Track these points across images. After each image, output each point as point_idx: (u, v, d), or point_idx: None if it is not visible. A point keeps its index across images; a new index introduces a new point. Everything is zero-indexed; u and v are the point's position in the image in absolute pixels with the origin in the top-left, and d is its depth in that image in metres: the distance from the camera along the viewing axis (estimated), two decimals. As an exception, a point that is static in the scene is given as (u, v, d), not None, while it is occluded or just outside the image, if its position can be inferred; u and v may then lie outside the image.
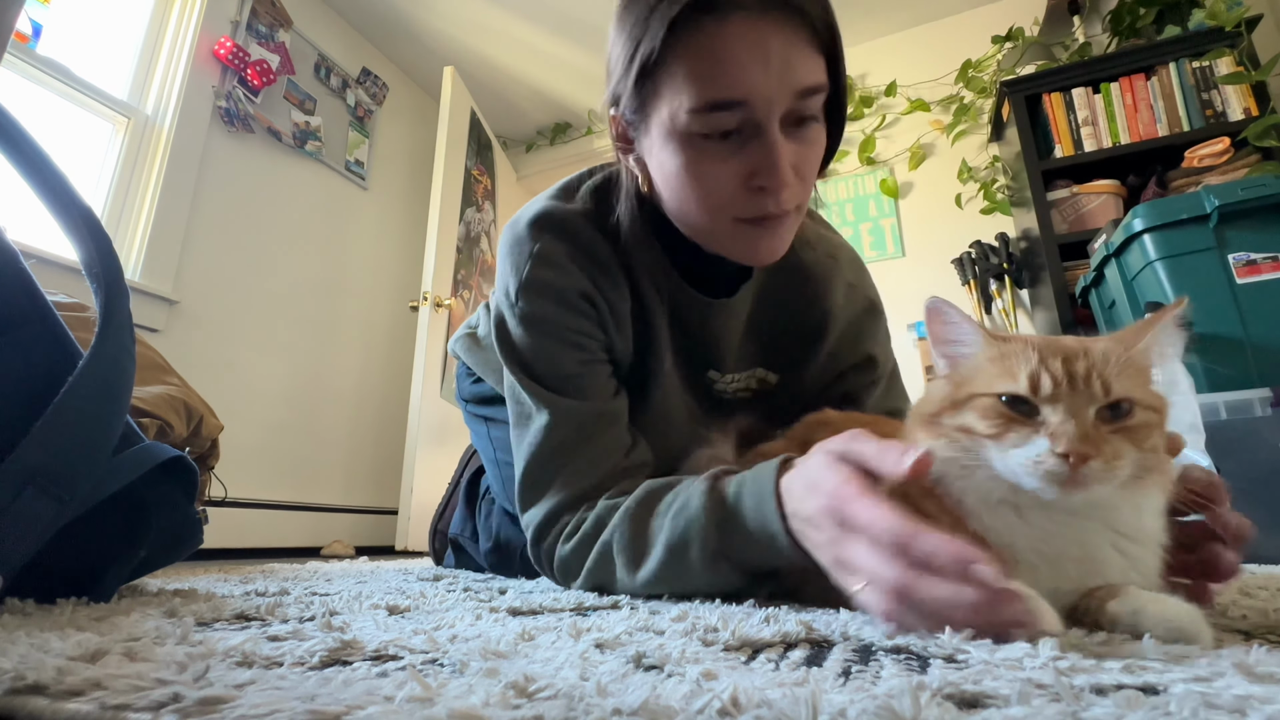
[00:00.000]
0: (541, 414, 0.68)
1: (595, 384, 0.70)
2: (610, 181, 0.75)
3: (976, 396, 0.43)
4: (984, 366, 0.45)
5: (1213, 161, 1.95)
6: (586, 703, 0.23)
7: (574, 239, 0.70)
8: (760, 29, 0.56)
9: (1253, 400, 1.26)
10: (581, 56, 3.04)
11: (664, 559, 0.56)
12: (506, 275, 0.72)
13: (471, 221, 2.96)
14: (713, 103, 0.57)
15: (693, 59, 0.57)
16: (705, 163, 0.61)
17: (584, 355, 0.70)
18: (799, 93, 0.58)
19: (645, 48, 0.59)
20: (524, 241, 0.71)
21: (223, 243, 2.28)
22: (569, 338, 0.70)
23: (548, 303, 0.69)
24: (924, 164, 2.73)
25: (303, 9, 2.64)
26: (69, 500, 0.45)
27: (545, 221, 0.71)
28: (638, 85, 0.62)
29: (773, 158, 0.58)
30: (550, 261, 0.69)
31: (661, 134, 0.62)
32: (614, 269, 0.72)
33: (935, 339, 0.49)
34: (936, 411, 0.46)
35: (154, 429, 1.16)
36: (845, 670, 0.30)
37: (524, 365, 0.71)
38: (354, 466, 2.69)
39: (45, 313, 0.52)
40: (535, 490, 0.67)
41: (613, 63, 0.66)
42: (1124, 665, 0.28)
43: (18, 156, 0.51)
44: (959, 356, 0.48)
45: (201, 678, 0.26)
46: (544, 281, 0.69)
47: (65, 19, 1.98)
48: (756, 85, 0.57)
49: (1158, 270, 1.51)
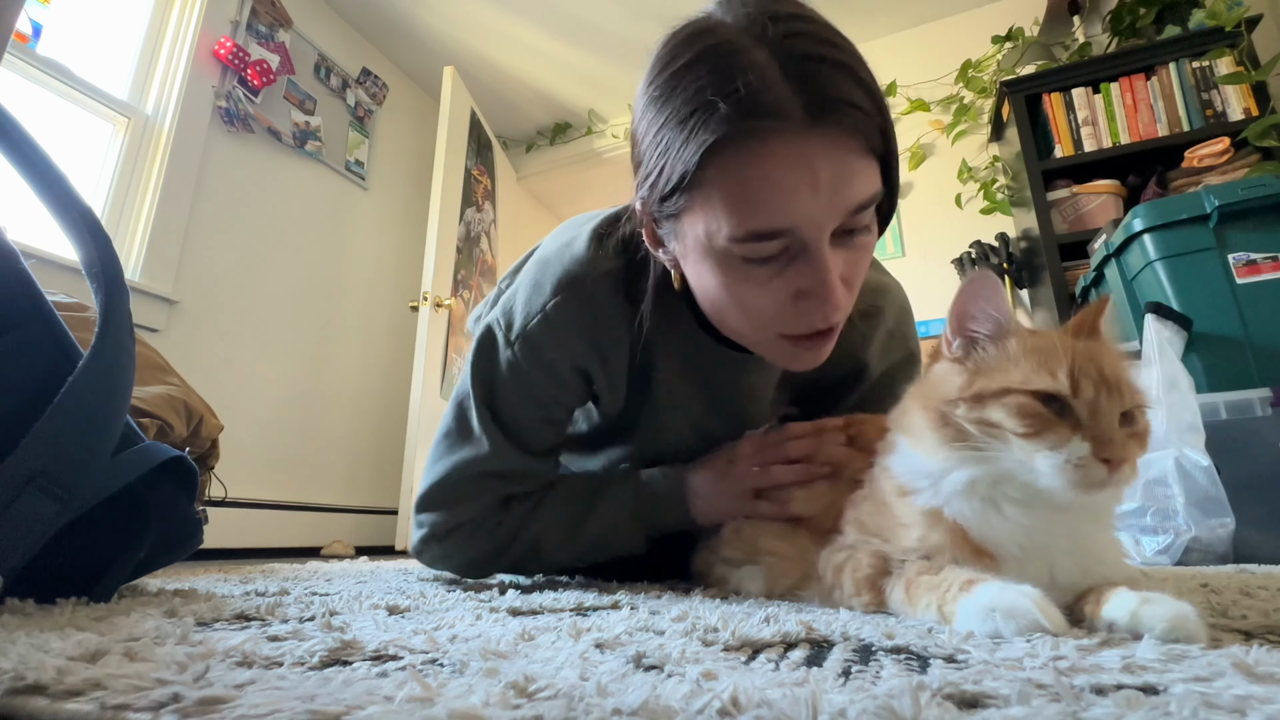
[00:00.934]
0: (482, 443, 0.72)
1: (537, 439, 0.74)
2: (638, 240, 0.69)
3: (1011, 392, 0.41)
4: (1016, 359, 0.43)
5: (1213, 161, 1.95)
6: (586, 703, 0.23)
7: (590, 306, 0.68)
8: (808, 147, 0.49)
9: (1253, 400, 1.26)
10: (581, 56, 3.04)
11: (597, 523, 0.73)
12: (515, 307, 0.70)
13: (471, 221, 2.96)
14: (756, 233, 0.51)
15: (733, 184, 0.51)
16: (748, 284, 0.55)
17: (544, 415, 0.73)
18: (852, 209, 0.52)
19: (677, 166, 0.52)
20: (543, 292, 0.69)
21: (223, 243, 2.28)
22: (541, 398, 0.72)
23: (537, 366, 0.69)
24: (924, 164, 2.73)
25: (303, 9, 2.64)
26: (69, 500, 0.45)
27: (569, 282, 0.68)
28: (666, 199, 0.55)
29: (822, 277, 0.53)
30: (557, 328, 0.68)
31: (697, 250, 0.56)
32: (624, 335, 0.70)
33: (963, 314, 0.46)
34: (951, 400, 0.44)
35: (154, 429, 1.16)
36: (845, 670, 0.30)
37: (487, 393, 0.72)
38: (354, 466, 2.69)
39: (45, 313, 0.52)
40: (444, 498, 0.74)
41: (640, 151, 0.58)
42: (1124, 665, 0.28)
43: (18, 156, 0.51)
44: (982, 340, 0.45)
45: (201, 678, 0.26)
46: (541, 346, 0.69)
47: (65, 19, 1.98)
48: (803, 211, 0.50)
49: (1158, 270, 1.51)
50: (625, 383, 0.74)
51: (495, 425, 0.71)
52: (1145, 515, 1.16)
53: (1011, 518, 0.42)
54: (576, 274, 0.68)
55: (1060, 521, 0.42)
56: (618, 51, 3.00)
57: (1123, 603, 0.37)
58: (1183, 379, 1.24)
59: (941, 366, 0.47)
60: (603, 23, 2.83)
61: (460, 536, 0.74)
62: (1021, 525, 0.42)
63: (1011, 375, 0.42)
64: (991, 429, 0.41)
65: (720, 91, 0.49)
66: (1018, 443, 0.40)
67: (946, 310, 0.47)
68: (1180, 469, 1.14)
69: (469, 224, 2.93)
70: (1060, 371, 0.41)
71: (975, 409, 0.42)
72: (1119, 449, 0.39)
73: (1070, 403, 0.40)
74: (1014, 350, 0.43)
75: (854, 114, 0.50)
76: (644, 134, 0.56)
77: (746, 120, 0.48)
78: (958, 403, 0.43)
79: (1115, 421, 0.40)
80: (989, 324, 0.45)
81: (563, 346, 0.69)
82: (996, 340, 0.45)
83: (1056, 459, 0.39)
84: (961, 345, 0.46)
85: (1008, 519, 0.42)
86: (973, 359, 0.45)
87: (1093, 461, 0.38)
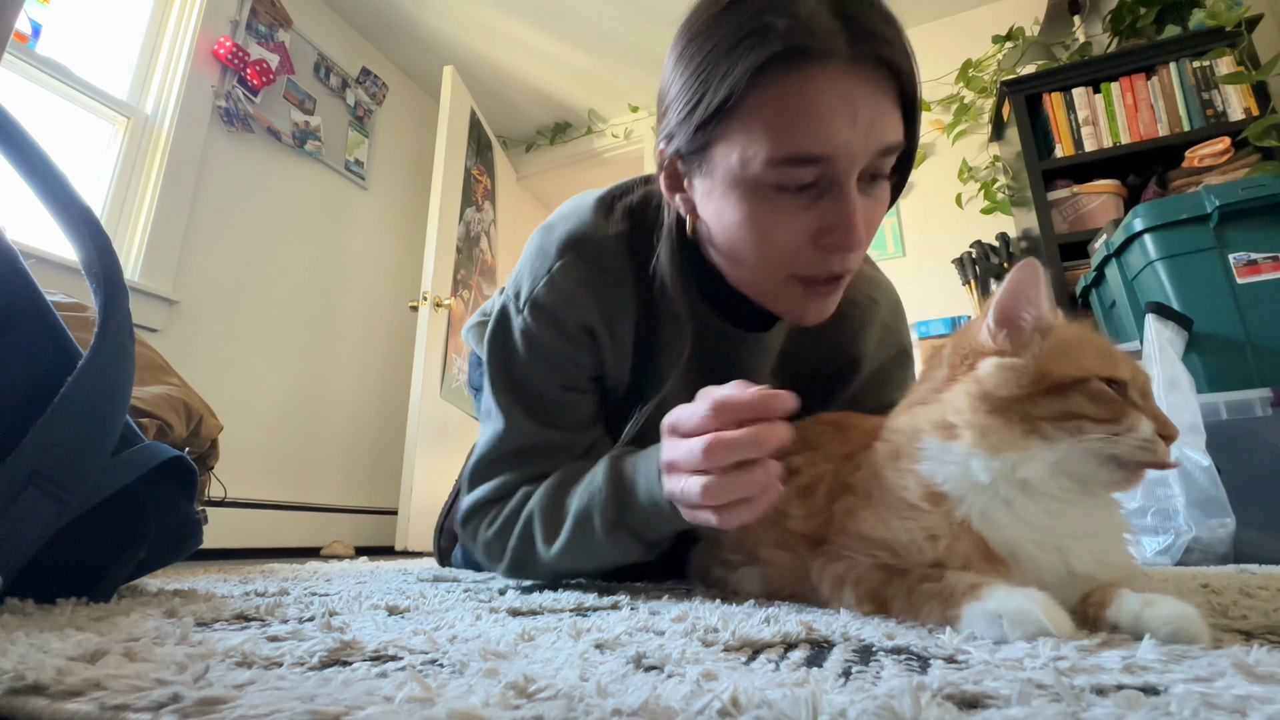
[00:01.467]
0: (499, 420, 0.72)
1: (566, 413, 0.72)
2: (647, 202, 0.72)
3: (1087, 379, 0.42)
4: (1072, 349, 0.44)
5: (1213, 161, 1.95)
6: (586, 703, 0.23)
7: (596, 265, 0.69)
8: (850, 82, 0.52)
9: (1253, 400, 1.26)
10: (581, 56, 3.04)
11: (571, 530, 0.63)
12: (523, 277, 0.71)
13: (471, 221, 2.96)
14: (794, 156, 0.53)
15: (776, 108, 0.53)
16: (774, 215, 0.57)
17: (565, 381, 0.72)
18: (881, 150, 0.55)
19: (720, 89, 0.54)
20: (548, 256, 0.69)
21: (222, 243, 2.28)
22: (557, 363, 0.71)
23: (548, 326, 0.69)
24: (924, 164, 2.73)
25: (302, 9, 2.64)
26: (69, 500, 0.45)
27: (574, 242, 0.69)
28: (703, 126, 0.57)
29: (849, 215, 0.55)
30: (563, 287, 0.68)
31: (726, 180, 0.57)
32: (630, 298, 0.70)
33: (1014, 304, 0.45)
34: (1019, 395, 0.43)
35: (154, 429, 1.16)
36: (845, 670, 0.30)
37: (505, 370, 0.72)
38: (354, 467, 2.69)
39: (45, 313, 0.52)
40: (475, 481, 0.73)
41: (670, 96, 0.60)
42: (1124, 665, 0.28)
43: (18, 156, 0.50)
44: (1025, 328, 0.45)
45: (201, 678, 0.26)
46: (550, 306, 0.68)
47: (65, 19, 1.98)
48: (842, 140, 0.53)
49: (1158, 270, 1.51)
50: (631, 353, 0.73)
51: (513, 398, 0.71)
52: (1146, 515, 1.16)
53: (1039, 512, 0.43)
54: (582, 234, 0.69)
55: (1079, 509, 0.43)
56: (618, 51, 3.00)
57: (1126, 605, 0.37)
58: (1183, 379, 1.24)
59: (994, 362, 0.45)
60: (603, 23, 2.83)
61: (478, 519, 0.72)
62: (1045, 521, 0.42)
63: (1083, 363, 0.43)
64: (1070, 420, 0.42)
65: (772, 18, 0.52)
66: (1095, 430, 0.41)
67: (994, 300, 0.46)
68: (1181, 469, 1.15)
69: (469, 224, 2.93)
70: (1118, 359, 0.43)
71: (1055, 400, 0.42)
72: (1171, 426, 0.42)
73: (1128, 388, 0.43)
74: (1067, 340, 0.44)
75: (893, 60, 0.54)
76: (680, 70, 0.58)
77: (796, 46, 0.51)
78: (1034, 398, 0.43)
79: (1154, 402, 0.44)
80: (1036, 313, 0.45)
81: (572, 305, 0.68)
82: (1041, 331, 0.45)
83: (1134, 440, 0.41)
84: (1007, 337, 0.46)
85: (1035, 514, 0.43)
86: (1029, 351, 0.44)
87: (1159, 439, 0.42)
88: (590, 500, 0.62)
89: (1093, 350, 0.44)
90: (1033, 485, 0.42)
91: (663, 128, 0.62)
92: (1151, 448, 0.41)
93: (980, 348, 0.47)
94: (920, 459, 0.47)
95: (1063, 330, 0.45)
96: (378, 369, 2.87)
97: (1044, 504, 0.43)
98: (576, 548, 0.63)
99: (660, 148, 0.64)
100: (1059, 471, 0.42)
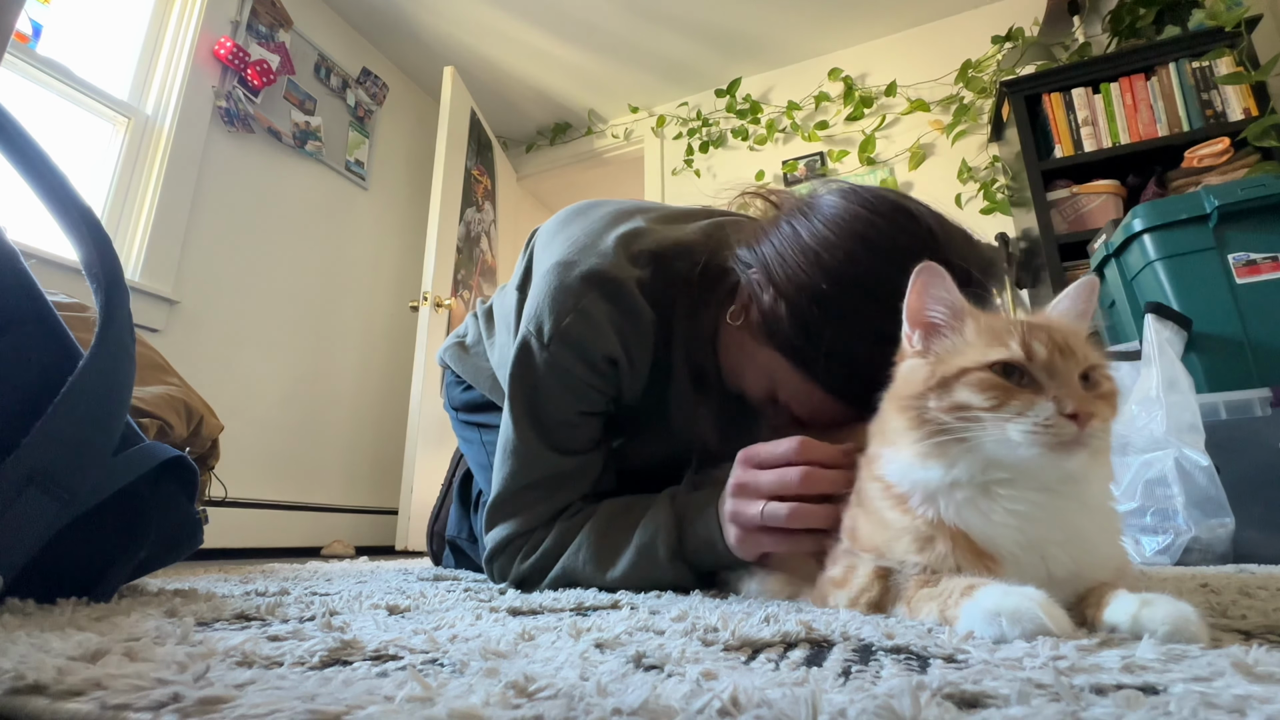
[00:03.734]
0: (520, 455, 0.73)
1: (582, 435, 0.75)
2: (670, 255, 0.75)
3: (969, 371, 0.42)
4: (970, 341, 0.44)
5: (1212, 161, 1.95)
6: (586, 702, 0.23)
7: (620, 304, 0.71)
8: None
9: (1253, 400, 1.26)
10: (581, 56, 3.04)
11: (634, 559, 0.68)
12: (544, 313, 0.71)
13: (471, 221, 2.96)
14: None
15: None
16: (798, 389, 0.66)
17: (585, 407, 0.74)
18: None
19: (838, 352, 0.60)
20: (572, 291, 0.70)
21: (223, 243, 2.28)
22: (580, 391, 0.73)
23: (575, 358, 0.71)
24: (924, 164, 2.73)
25: (303, 9, 2.64)
26: (70, 500, 0.45)
27: (598, 281, 0.70)
28: (795, 351, 0.63)
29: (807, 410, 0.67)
30: (590, 321, 0.70)
31: (765, 369, 0.67)
32: (648, 332, 0.73)
33: (918, 307, 0.47)
34: (919, 393, 0.44)
35: (154, 429, 1.16)
36: (845, 670, 0.30)
37: (529, 404, 0.73)
38: (354, 466, 2.69)
39: (45, 313, 0.52)
40: (500, 514, 0.75)
41: (790, 278, 0.63)
42: (1124, 665, 0.28)
43: (18, 156, 0.50)
44: (938, 329, 0.46)
45: (201, 678, 0.26)
46: (578, 338, 0.70)
47: (65, 19, 1.98)
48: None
49: (1158, 270, 1.51)
50: (646, 377, 0.76)
51: (536, 432, 0.73)
52: (1145, 515, 1.16)
53: (1007, 511, 0.42)
54: (607, 273, 0.71)
55: (1053, 511, 0.42)
56: (618, 51, 3.00)
57: (1123, 606, 0.37)
58: (1182, 379, 1.24)
59: (906, 364, 0.48)
60: (603, 23, 2.83)
61: (510, 554, 0.74)
62: (1016, 520, 0.42)
63: (968, 355, 0.43)
64: (963, 412, 0.42)
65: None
66: (988, 417, 0.41)
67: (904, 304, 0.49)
68: (1180, 469, 1.14)
69: (469, 224, 2.93)
70: (1012, 341, 0.42)
71: (943, 395, 0.43)
72: (1084, 403, 0.40)
73: (1027, 368, 0.41)
74: (970, 333, 0.45)
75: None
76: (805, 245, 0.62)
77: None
78: (926, 394, 0.44)
79: (1074, 379, 0.41)
80: (943, 312, 0.46)
81: (598, 338, 0.70)
82: (953, 327, 0.46)
83: (1025, 424, 0.40)
84: (921, 338, 0.47)
85: (1004, 513, 0.42)
86: (933, 350, 0.46)
87: (1060, 420, 0.39)
88: (655, 534, 0.68)
89: (989, 338, 0.43)
90: (975, 481, 0.43)
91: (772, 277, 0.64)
92: (1048, 430, 0.39)
93: (901, 352, 0.49)
94: (881, 464, 0.49)
95: (977, 320, 0.45)
96: (378, 369, 2.87)
97: (1006, 502, 0.42)
98: (637, 574, 0.68)
99: (761, 296, 0.65)
100: (989, 465, 0.42)
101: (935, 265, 0.46)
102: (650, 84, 3.21)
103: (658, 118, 3.27)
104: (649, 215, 0.80)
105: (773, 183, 2.95)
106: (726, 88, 3.12)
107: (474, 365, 1.03)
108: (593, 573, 0.69)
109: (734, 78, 3.12)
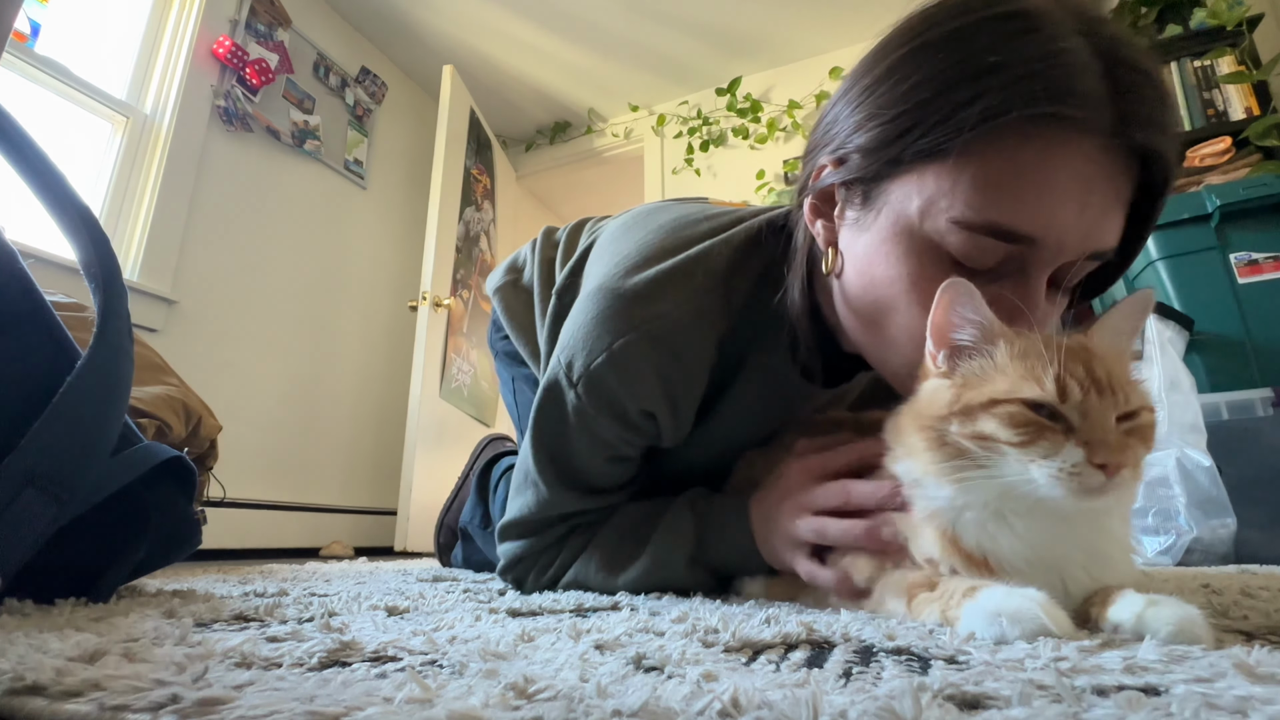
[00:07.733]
0: (540, 490, 0.68)
1: (609, 479, 0.69)
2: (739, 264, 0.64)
3: (999, 403, 0.40)
4: (1003, 367, 0.42)
5: (1214, 161, 1.95)
6: (586, 704, 0.23)
7: (671, 350, 0.60)
8: (1096, 167, 0.44)
9: (1254, 400, 1.26)
10: (581, 55, 3.03)
11: (648, 566, 0.65)
12: (576, 345, 0.62)
13: (471, 221, 2.96)
14: (996, 227, 0.45)
15: (1000, 166, 0.44)
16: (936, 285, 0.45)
17: (612, 454, 0.66)
18: (1092, 253, 0.47)
19: (941, 121, 0.45)
20: (610, 328, 0.60)
21: (221, 242, 2.28)
22: (608, 440, 0.65)
23: (604, 408, 0.62)
24: (924, 163, 2.73)
25: (302, 8, 2.64)
26: (68, 500, 0.45)
27: (646, 318, 0.60)
28: (897, 158, 0.48)
29: (1031, 302, 0.47)
30: (628, 369, 0.60)
31: (896, 224, 0.49)
32: (701, 372, 0.63)
33: (944, 326, 0.44)
34: (942, 416, 0.43)
35: (152, 429, 1.16)
36: (846, 671, 0.29)
37: (551, 444, 0.66)
38: (353, 467, 2.69)
39: (44, 313, 0.51)
40: (513, 533, 0.72)
41: (859, 106, 0.51)
42: (1125, 666, 0.28)
43: (16, 156, 0.50)
44: (966, 350, 0.44)
45: (200, 679, 0.25)
46: (610, 386, 0.61)
47: (64, 18, 1.98)
48: (1058, 226, 0.44)
49: (1159, 270, 1.51)
50: (692, 419, 0.67)
51: (556, 475, 0.67)
52: (1146, 516, 1.16)
53: (1020, 534, 0.41)
54: (658, 310, 0.61)
55: (1069, 534, 0.41)
56: (618, 51, 3.00)
57: (1128, 605, 0.37)
58: (1184, 379, 1.24)
59: (930, 384, 0.46)
60: (603, 22, 2.83)
61: (524, 567, 0.73)
62: (1029, 540, 0.41)
63: (998, 385, 0.41)
64: (986, 442, 0.40)
65: (1034, 59, 0.43)
66: (1013, 453, 0.39)
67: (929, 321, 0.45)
68: (1181, 469, 1.14)
69: (468, 223, 2.92)
70: (1046, 378, 0.39)
71: (967, 423, 0.41)
72: (1114, 453, 0.38)
73: (1059, 409, 0.39)
74: (1001, 357, 0.42)
75: (1156, 153, 0.45)
76: (890, 82, 0.49)
77: (1054, 112, 0.43)
78: (949, 419, 0.42)
79: (1110, 423, 0.39)
80: (971, 332, 0.43)
81: (633, 389, 0.61)
82: (982, 348, 0.43)
83: (1050, 467, 0.38)
84: (947, 358, 0.45)
85: (1016, 535, 0.41)
86: (960, 372, 0.44)
87: (1088, 468, 0.37)
88: (672, 540, 0.65)
89: (1023, 368, 0.40)
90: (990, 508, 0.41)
91: (830, 139, 0.54)
92: (1074, 477, 0.37)
93: (925, 370, 0.47)
94: (893, 461, 0.48)
95: (1011, 343, 0.42)
96: (377, 369, 2.87)
97: (1020, 528, 0.41)
98: (650, 575, 0.65)
99: (822, 163, 0.55)
100: (1006, 495, 0.40)
101: (963, 282, 0.42)
102: (650, 83, 3.21)
103: (658, 117, 3.26)
104: (714, 221, 0.68)
105: (773, 182, 2.95)
106: (727, 86, 3.12)
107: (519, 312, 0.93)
108: (605, 580, 0.67)
109: (734, 76, 3.12)
